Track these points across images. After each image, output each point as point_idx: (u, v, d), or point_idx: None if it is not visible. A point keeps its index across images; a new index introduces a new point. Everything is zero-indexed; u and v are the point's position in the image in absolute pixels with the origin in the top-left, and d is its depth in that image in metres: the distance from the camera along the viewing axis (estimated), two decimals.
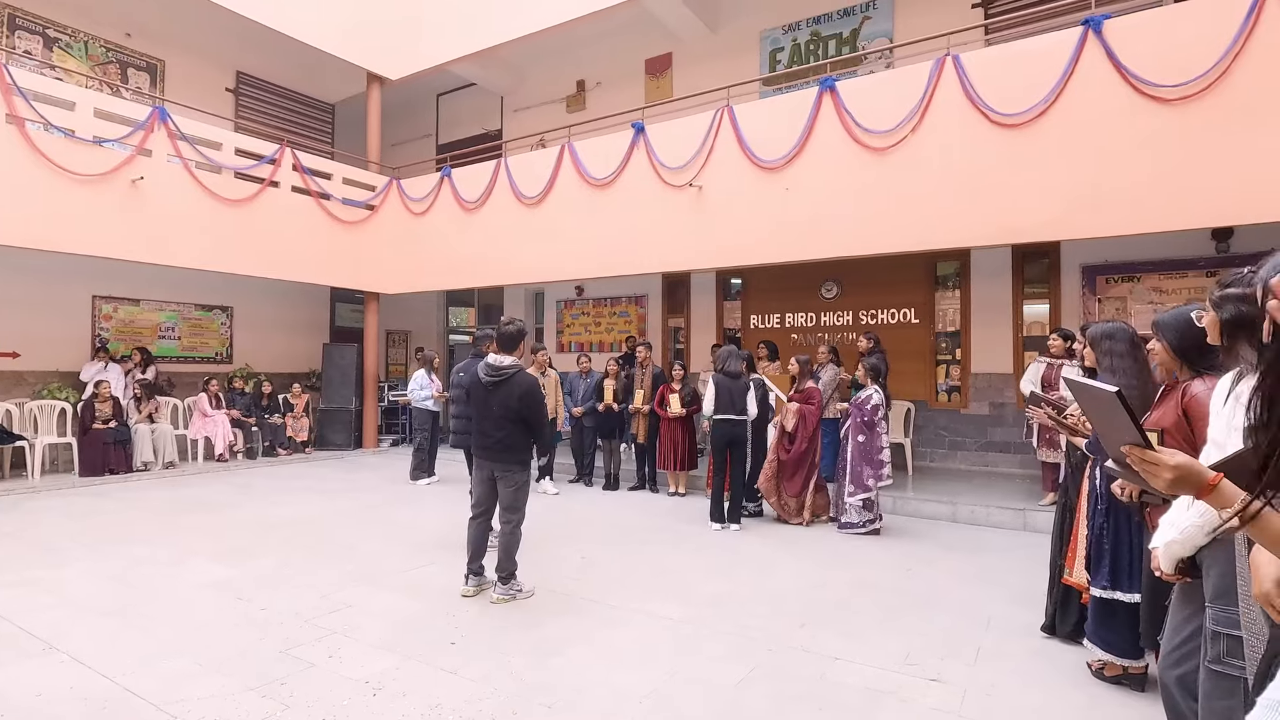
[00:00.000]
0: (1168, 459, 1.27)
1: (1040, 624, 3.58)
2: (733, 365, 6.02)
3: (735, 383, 5.97)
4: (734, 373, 6.00)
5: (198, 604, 3.88)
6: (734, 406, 5.93)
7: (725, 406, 5.91)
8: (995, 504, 6.29)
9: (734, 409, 5.93)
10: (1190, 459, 1.28)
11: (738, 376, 6.00)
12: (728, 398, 5.92)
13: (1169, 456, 1.27)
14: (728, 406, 5.91)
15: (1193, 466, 1.26)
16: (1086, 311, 7.54)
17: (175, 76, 10.48)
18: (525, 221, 9.07)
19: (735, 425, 5.95)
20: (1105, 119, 5.59)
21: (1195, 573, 1.92)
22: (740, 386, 5.99)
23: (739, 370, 6.04)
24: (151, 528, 5.68)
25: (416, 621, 3.65)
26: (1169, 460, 1.27)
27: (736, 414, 5.94)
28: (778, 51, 9.48)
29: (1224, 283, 2.13)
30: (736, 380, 5.98)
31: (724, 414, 5.91)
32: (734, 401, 5.93)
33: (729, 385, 5.95)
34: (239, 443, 9.46)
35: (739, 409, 5.95)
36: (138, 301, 9.88)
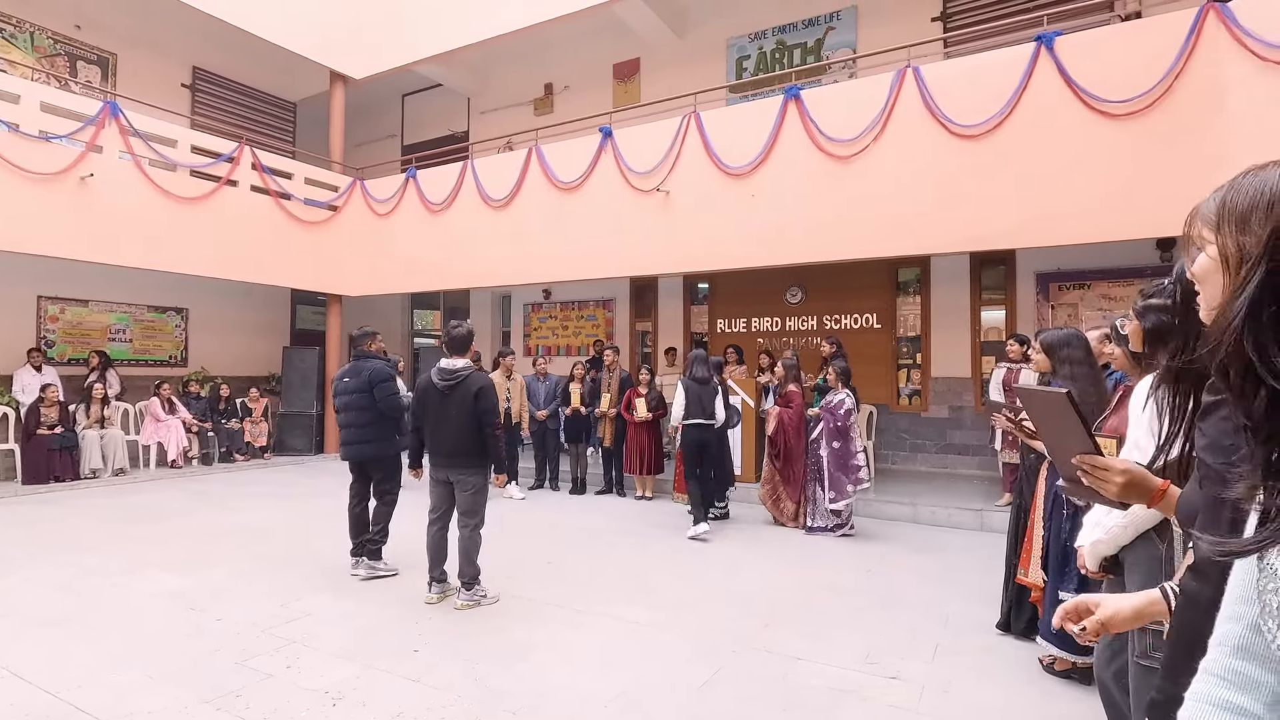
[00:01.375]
0: (1117, 465, 1.30)
1: (995, 621, 3.68)
2: (700, 370, 6.04)
3: (704, 387, 5.98)
4: (702, 378, 6.01)
5: (149, 614, 3.75)
6: (704, 411, 5.94)
7: (695, 411, 5.92)
8: (955, 505, 6.45)
9: (703, 413, 5.94)
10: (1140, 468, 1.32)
11: (706, 381, 6.01)
12: (697, 402, 5.93)
13: (1118, 463, 1.30)
14: (697, 411, 5.93)
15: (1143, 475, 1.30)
16: (1040, 318, 7.78)
17: (128, 71, 10.16)
18: (492, 224, 9.01)
19: (705, 430, 5.95)
20: (1058, 132, 5.79)
21: (1119, 570, 2.00)
22: (709, 391, 6.01)
23: (707, 375, 6.05)
24: (100, 536, 5.48)
25: (378, 630, 3.60)
26: (1118, 466, 1.30)
27: (706, 418, 5.95)
28: (744, 59, 9.61)
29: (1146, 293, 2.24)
30: (705, 385, 5.99)
31: (693, 419, 5.92)
32: (703, 406, 5.94)
33: (698, 390, 5.96)
34: (194, 448, 9.19)
35: (708, 413, 5.97)
36: (87, 303, 9.54)
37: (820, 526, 5.90)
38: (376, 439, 4.42)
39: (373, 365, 4.44)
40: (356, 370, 4.43)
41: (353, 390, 4.36)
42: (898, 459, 8.57)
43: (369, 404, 4.36)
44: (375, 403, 4.38)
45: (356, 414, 4.37)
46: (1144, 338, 2.15)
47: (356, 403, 4.36)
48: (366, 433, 4.39)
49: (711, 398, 6.01)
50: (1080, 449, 1.32)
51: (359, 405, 4.36)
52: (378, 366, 4.45)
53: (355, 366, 4.46)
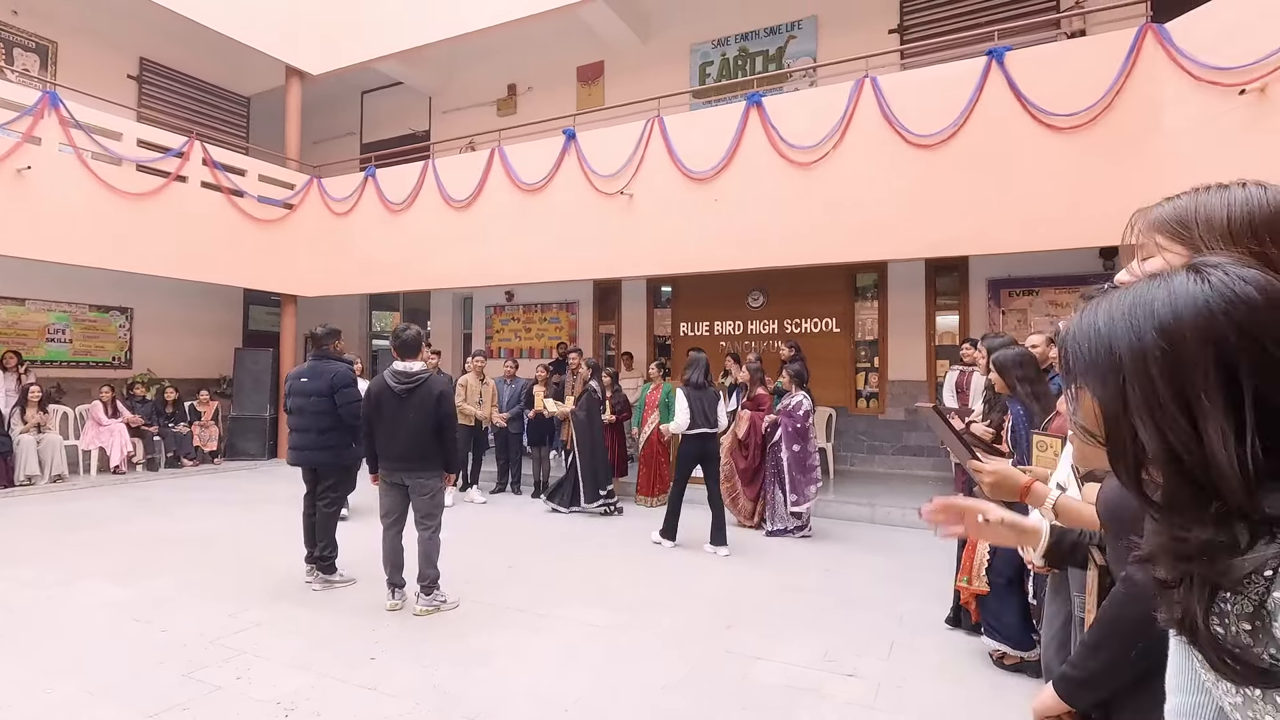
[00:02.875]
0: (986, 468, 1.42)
1: (945, 616, 3.78)
2: (697, 375, 5.65)
3: (704, 393, 5.59)
4: (700, 383, 5.63)
5: (88, 627, 3.60)
6: (706, 419, 5.53)
7: (699, 419, 5.48)
8: (911, 505, 6.59)
9: (706, 422, 5.53)
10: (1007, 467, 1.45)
11: (704, 387, 5.65)
12: (700, 410, 5.49)
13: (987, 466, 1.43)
14: (700, 419, 5.49)
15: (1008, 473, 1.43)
16: (992, 322, 8.03)
17: (69, 60, 9.76)
18: (453, 225, 8.90)
19: (707, 439, 5.54)
20: (1008, 143, 5.99)
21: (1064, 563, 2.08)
22: (710, 396, 5.62)
23: (705, 381, 5.69)
24: (35, 546, 5.23)
25: (334, 638, 3.51)
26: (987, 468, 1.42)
27: (709, 427, 5.54)
28: (707, 65, 9.70)
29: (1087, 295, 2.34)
30: (705, 390, 5.61)
31: (697, 428, 5.48)
32: (706, 414, 5.53)
33: (699, 397, 5.54)
34: (138, 453, 8.84)
35: (711, 421, 5.55)
36: (23, 301, 9.11)
37: (780, 529, 5.98)
38: (334, 445, 4.31)
39: (335, 368, 4.32)
40: (316, 372, 4.29)
41: (311, 393, 4.23)
42: (856, 460, 8.73)
43: (328, 408, 4.24)
44: (333, 407, 4.25)
45: (314, 418, 4.24)
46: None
47: (314, 406, 4.23)
48: (325, 439, 4.27)
49: (714, 403, 5.62)
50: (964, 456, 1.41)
51: (317, 409, 4.23)
52: (341, 370, 4.33)
53: (315, 367, 4.32)
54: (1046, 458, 2.56)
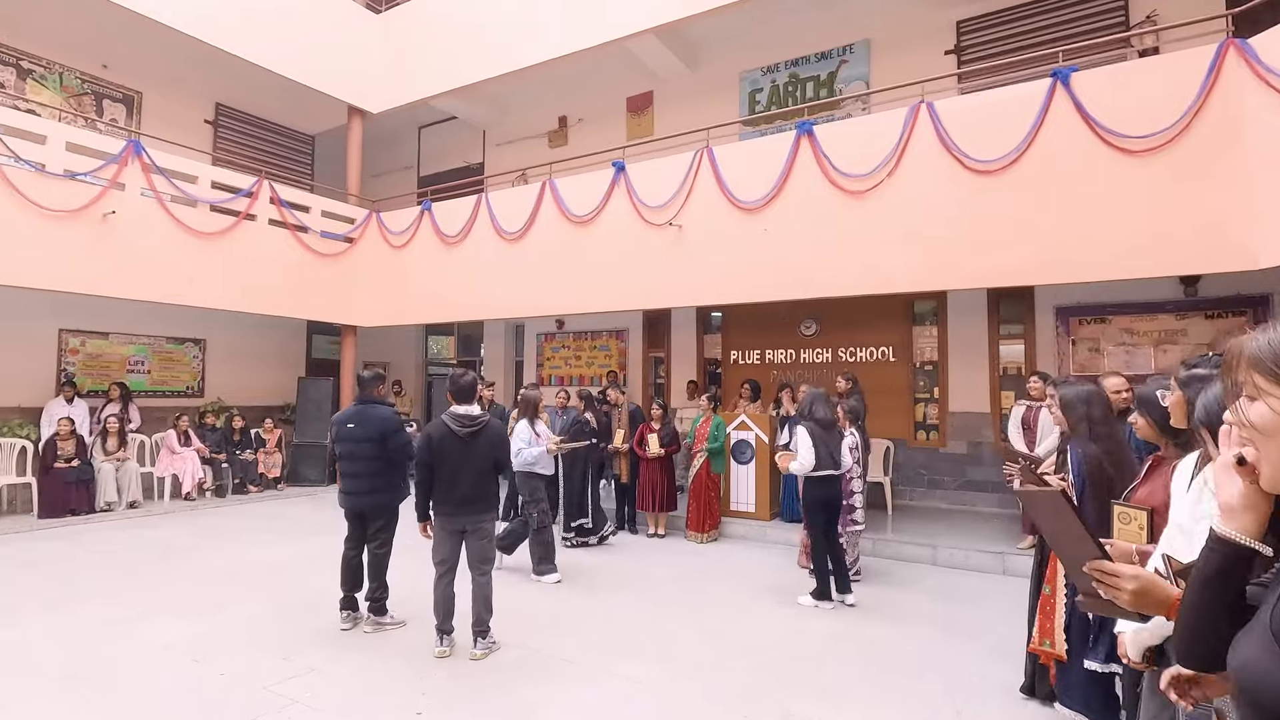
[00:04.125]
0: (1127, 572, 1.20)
1: (1020, 684, 3.53)
2: (823, 411, 5.14)
3: (829, 433, 5.08)
4: (826, 421, 5.12)
5: (154, 669, 3.71)
6: (833, 460, 5.03)
7: (825, 461, 4.98)
8: (975, 547, 6.28)
9: (833, 463, 5.04)
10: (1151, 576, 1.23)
11: (831, 425, 5.15)
12: (826, 450, 4.97)
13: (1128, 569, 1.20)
14: (827, 461, 4.99)
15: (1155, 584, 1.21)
16: (1060, 352, 7.64)
17: (153, 108, 10.40)
18: (506, 256, 9.04)
19: (832, 484, 5.07)
20: (1075, 168, 5.70)
21: (1165, 662, 1.88)
22: (835, 437, 5.13)
23: (832, 418, 5.19)
24: (111, 579, 5.47)
25: (384, 687, 3.52)
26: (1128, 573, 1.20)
27: (834, 468, 5.07)
28: (757, 92, 9.64)
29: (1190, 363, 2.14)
30: (830, 430, 5.11)
31: (824, 469, 5.01)
32: (832, 454, 5.03)
33: (824, 436, 5.03)
34: (208, 480, 9.22)
35: (835, 462, 5.06)
36: (107, 335, 9.68)
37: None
38: (384, 488, 4.37)
39: (381, 413, 4.38)
40: (363, 417, 4.36)
41: (359, 439, 4.31)
42: (915, 495, 8.39)
43: (377, 453, 4.31)
44: (383, 452, 4.31)
45: (365, 464, 4.31)
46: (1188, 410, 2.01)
47: (364, 452, 4.30)
48: (374, 482, 4.34)
49: (838, 443, 5.12)
50: (1088, 554, 1.22)
51: (366, 455, 4.31)
52: (387, 415, 4.39)
53: (361, 412, 4.39)
54: (1130, 531, 2.35)
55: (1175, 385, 2.09)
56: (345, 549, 4.47)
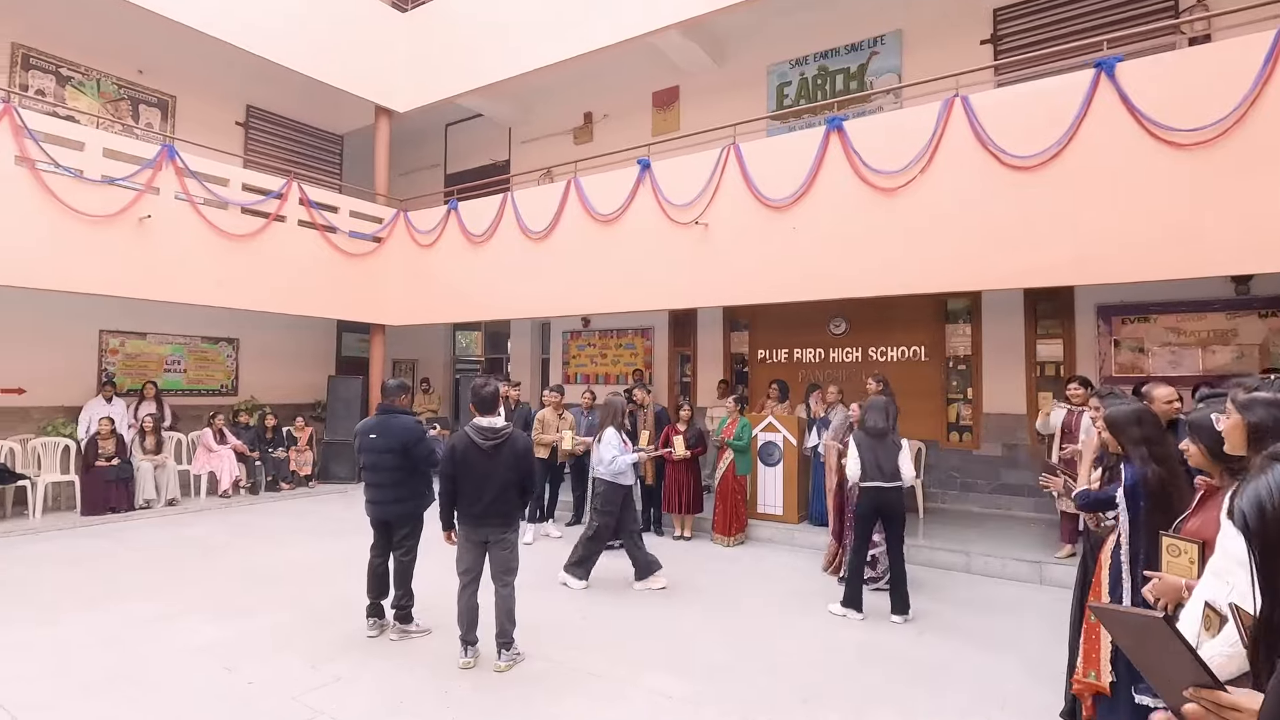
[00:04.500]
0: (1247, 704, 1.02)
1: (1060, 709, 3.40)
2: (874, 419, 5.02)
3: (880, 441, 4.94)
4: (877, 429, 4.98)
5: (186, 675, 3.77)
6: (882, 471, 4.88)
7: (871, 471, 4.89)
8: (1010, 554, 6.11)
9: (882, 474, 4.88)
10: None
11: (884, 434, 4.97)
12: (872, 459, 4.89)
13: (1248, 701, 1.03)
14: (874, 471, 4.89)
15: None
16: (1101, 353, 7.37)
17: (187, 112, 10.58)
18: (531, 255, 9.03)
19: (886, 494, 4.89)
20: (1119, 163, 5.47)
21: None
22: (887, 446, 4.94)
23: (885, 426, 5.00)
24: (149, 578, 5.60)
25: (408, 699, 3.53)
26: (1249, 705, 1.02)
27: (886, 479, 4.88)
28: (785, 86, 9.45)
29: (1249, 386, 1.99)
30: (882, 439, 4.95)
31: (871, 480, 4.90)
32: (881, 465, 4.89)
33: (872, 445, 4.93)
34: (243, 477, 9.40)
35: (888, 473, 4.88)
36: (144, 335, 9.91)
37: None
38: (408, 497, 4.39)
39: (403, 423, 4.39)
40: (385, 427, 4.37)
41: (382, 450, 4.32)
42: (948, 498, 8.20)
43: (400, 463, 4.32)
44: (406, 461, 4.33)
45: (388, 474, 4.33)
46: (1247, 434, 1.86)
47: (386, 463, 4.32)
48: (398, 492, 4.36)
49: (891, 454, 4.92)
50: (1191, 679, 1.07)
51: (389, 465, 4.32)
52: (408, 424, 4.40)
53: (383, 423, 4.40)
54: (1180, 565, 2.23)
55: (1232, 408, 1.95)
56: (371, 556, 4.49)
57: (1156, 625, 1.09)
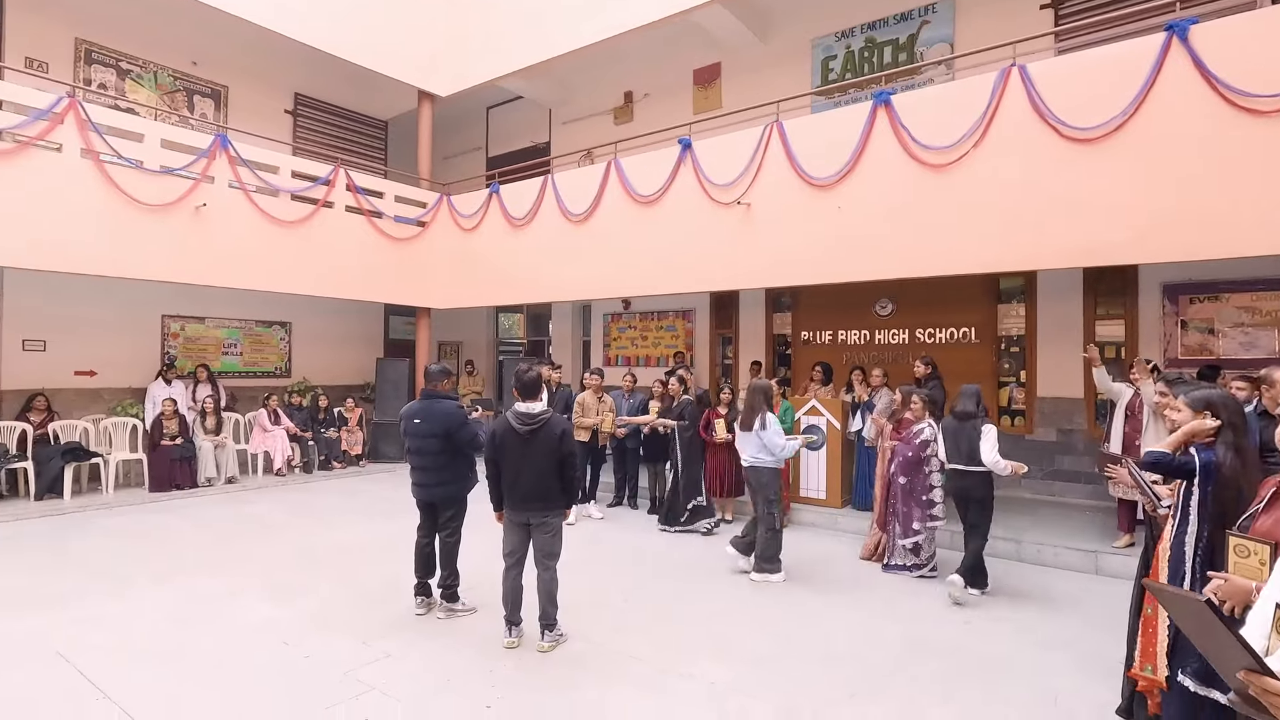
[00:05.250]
0: None
1: (1116, 705, 3.29)
2: (963, 405, 5.18)
3: (962, 425, 5.10)
4: (963, 413, 5.14)
5: (247, 649, 3.95)
6: (960, 454, 5.05)
7: (953, 454, 5.12)
8: (1064, 543, 5.92)
9: (961, 457, 5.05)
10: None
11: (967, 418, 5.12)
12: (953, 443, 5.11)
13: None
14: (954, 453, 5.11)
15: None
16: (1167, 334, 7.02)
17: (238, 101, 10.86)
18: (572, 238, 9.03)
19: (967, 476, 5.06)
20: (1191, 133, 5.15)
21: None
22: (968, 430, 5.05)
23: (969, 410, 5.14)
24: (211, 555, 5.87)
25: (454, 678, 3.62)
26: None
27: (966, 463, 5.03)
28: (830, 60, 9.16)
29: None
30: (965, 423, 5.10)
31: (954, 463, 5.13)
32: (959, 447, 5.06)
33: (954, 428, 5.14)
34: (296, 457, 9.74)
35: (967, 456, 5.02)
36: (203, 319, 10.30)
37: (898, 565, 5.56)
38: (452, 480, 4.48)
39: (446, 408, 4.46)
40: (428, 412, 4.45)
41: (426, 434, 4.41)
42: (999, 485, 7.90)
43: (443, 447, 4.41)
44: (449, 445, 4.41)
45: (432, 458, 4.42)
46: None
47: (431, 447, 4.41)
48: (442, 475, 4.45)
49: (969, 438, 5.02)
50: (1240, 662, 1.07)
51: (433, 450, 4.41)
52: (450, 409, 4.47)
53: (427, 407, 4.48)
54: (1249, 566, 2.10)
55: None
56: (418, 537, 4.61)
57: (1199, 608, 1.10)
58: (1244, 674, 1.07)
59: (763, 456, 5.41)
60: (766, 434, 5.36)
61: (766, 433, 5.36)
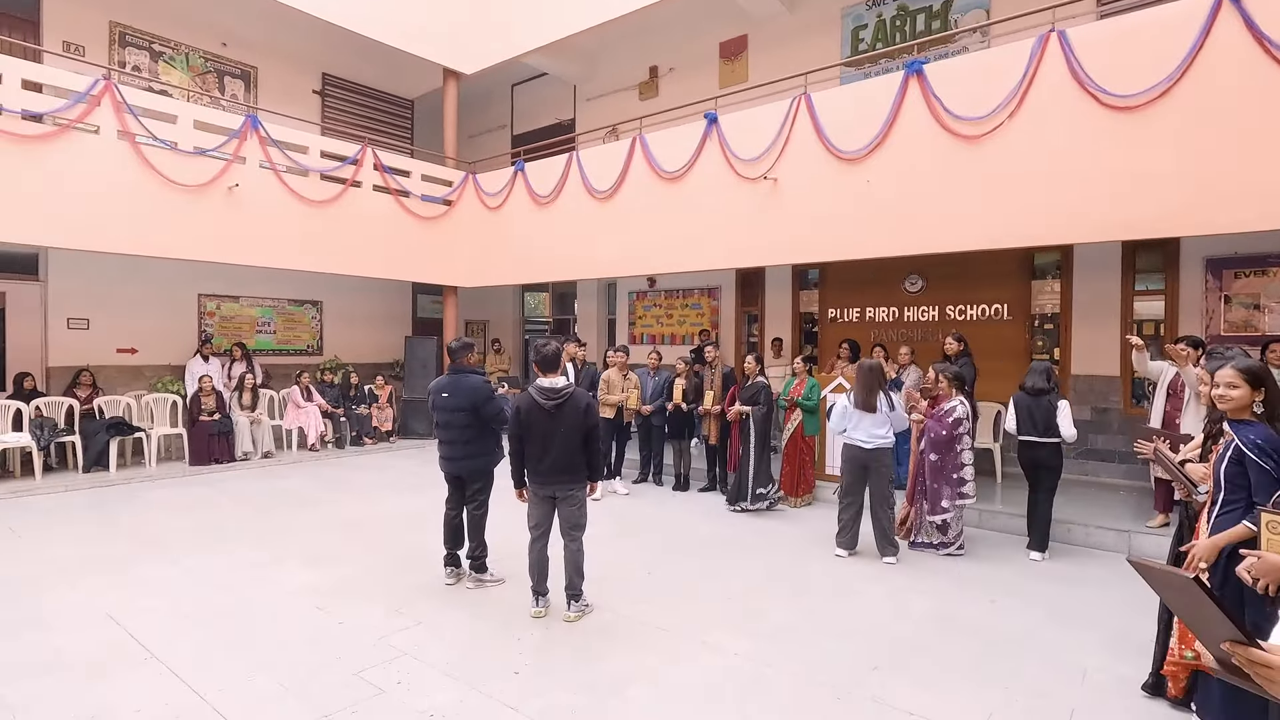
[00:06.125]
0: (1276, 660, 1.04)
1: (1143, 681, 3.26)
2: (1034, 381, 5.44)
3: (1036, 400, 5.36)
4: (1034, 389, 5.41)
5: (285, 614, 4.09)
6: (1036, 427, 5.32)
7: (1025, 426, 5.38)
8: (1096, 523, 5.83)
9: (1036, 429, 5.32)
10: None
11: (1040, 394, 5.37)
12: (1027, 416, 5.39)
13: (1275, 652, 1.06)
14: (1027, 426, 5.37)
15: None
16: (1209, 310, 6.80)
17: (268, 82, 10.97)
18: (597, 215, 9.01)
19: (1040, 448, 5.32)
20: (1241, 98, 4.94)
21: None
22: (1043, 405, 5.32)
23: (1041, 386, 5.39)
24: (251, 526, 6.07)
25: (482, 645, 3.72)
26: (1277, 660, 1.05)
27: (1041, 434, 5.30)
28: (860, 29, 8.93)
29: None
30: (1038, 397, 5.36)
31: (1026, 435, 5.38)
32: (1034, 420, 5.33)
33: (1027, 403, 5.39)
34: (329, 433, 9.97)
35: (1041, 429, 5.29)
36: (238, 298, 10.54)
37: (924, 542, 5.53)
38: (478, 453, 4.57)
39: (472, 382, 4.54)
40: (456, 386, 4.54)
41: (453, 408, 4.50)
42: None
43: (470, 421, 4.49)
44: (475, 419, 4.49)
45: (459, 431, 4.50)
46: None
47: (458, 420, 4.49)
48: (469, 448, 4.53)
49: (1044, 411, 5.29)
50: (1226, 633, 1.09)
51: (460, 423, 4.49)
52: (477, 383, 4.55)
53: (455, 381, 4.56)
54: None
55: None
56: (446, 509, 4.71)
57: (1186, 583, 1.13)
58: (1228, 645, 1.10)
59: (880, 437, 5.36)
60: (896, 413, 5.35)
61: (895, 412, 5.36)
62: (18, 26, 8.75)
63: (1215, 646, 1.13)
